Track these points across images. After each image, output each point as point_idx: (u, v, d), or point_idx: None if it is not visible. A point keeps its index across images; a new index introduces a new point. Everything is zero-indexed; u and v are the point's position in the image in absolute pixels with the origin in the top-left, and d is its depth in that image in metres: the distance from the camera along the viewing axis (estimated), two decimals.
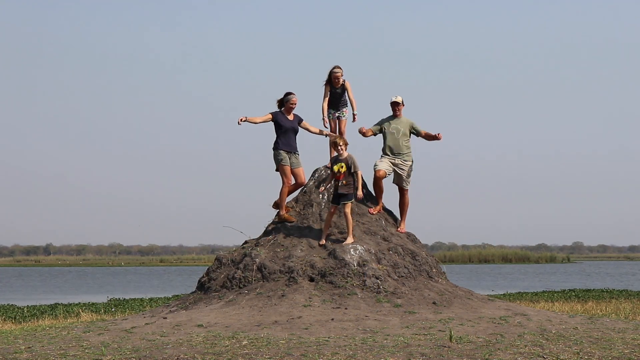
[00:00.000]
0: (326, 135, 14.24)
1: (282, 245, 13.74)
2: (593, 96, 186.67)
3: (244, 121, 13.61)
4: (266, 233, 14.27)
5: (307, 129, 14.08)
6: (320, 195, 14.34)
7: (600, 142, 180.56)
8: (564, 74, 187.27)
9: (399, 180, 14.31)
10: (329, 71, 14.22)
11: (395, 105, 14.23)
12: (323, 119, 14.40)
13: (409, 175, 14.30)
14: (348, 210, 13.43)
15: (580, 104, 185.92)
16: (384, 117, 14.36)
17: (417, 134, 14.32)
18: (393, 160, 14.16)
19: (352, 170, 13.44)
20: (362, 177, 14.10)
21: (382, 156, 14.25)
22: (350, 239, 13.40)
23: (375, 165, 14.16)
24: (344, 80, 14.24)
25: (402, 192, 14.40)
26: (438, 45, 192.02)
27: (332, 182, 13.74)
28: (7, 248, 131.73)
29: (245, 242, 14.49)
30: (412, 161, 14.31)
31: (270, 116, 13.85)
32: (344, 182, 13.39)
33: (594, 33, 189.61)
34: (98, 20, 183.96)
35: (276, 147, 13.86)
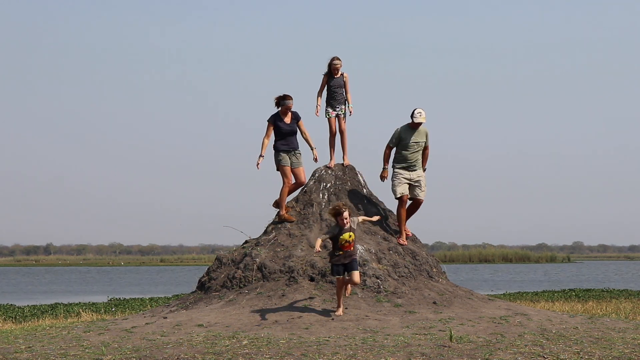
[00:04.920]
0: (314, 157, 14.01)
1: (283, 245, 13.73)
2: (593, 96, 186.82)
3: (262, 157, 13.76)
4: (266, 233, 14.26)
5: (302, 131, 13.92)
6: (321, 195, 14.32)
7: (600, 142, 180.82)
8: (565, 74, 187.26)
9: (413, 192, 13.82)
10: (328, 62, 14.20)
11: (419, 124, 13.56)
12: (316, 106, 14.20)
13: (425, 186, 13.85)
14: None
15: (580, 104, 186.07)
16: (401, 129, 13.64)
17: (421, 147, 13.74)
18: (408, 176, 13.70)
19: (361, 222, 12.29)
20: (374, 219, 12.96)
21: (394, 172, 13.72)
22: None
23: (394, 189, 13.63)
24: (342, 74, 14.19)
25: (417, 202, 13.94)
26: (437, 43, 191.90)
27: (336, 251, 11.65)
28: (8, 248, 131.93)
29: (246, 242, 14.48)
30: (424, 172, 13.85)
31: (272, 126, 13.81)
32: (352, 249, 11.66)
33: (595, 32, 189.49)
34: (97, 20, 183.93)
35: (276, 149, 13.87)
